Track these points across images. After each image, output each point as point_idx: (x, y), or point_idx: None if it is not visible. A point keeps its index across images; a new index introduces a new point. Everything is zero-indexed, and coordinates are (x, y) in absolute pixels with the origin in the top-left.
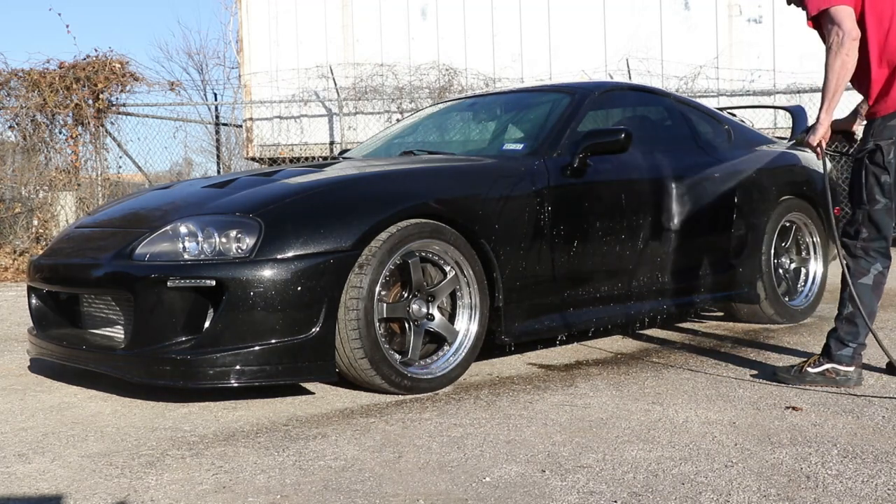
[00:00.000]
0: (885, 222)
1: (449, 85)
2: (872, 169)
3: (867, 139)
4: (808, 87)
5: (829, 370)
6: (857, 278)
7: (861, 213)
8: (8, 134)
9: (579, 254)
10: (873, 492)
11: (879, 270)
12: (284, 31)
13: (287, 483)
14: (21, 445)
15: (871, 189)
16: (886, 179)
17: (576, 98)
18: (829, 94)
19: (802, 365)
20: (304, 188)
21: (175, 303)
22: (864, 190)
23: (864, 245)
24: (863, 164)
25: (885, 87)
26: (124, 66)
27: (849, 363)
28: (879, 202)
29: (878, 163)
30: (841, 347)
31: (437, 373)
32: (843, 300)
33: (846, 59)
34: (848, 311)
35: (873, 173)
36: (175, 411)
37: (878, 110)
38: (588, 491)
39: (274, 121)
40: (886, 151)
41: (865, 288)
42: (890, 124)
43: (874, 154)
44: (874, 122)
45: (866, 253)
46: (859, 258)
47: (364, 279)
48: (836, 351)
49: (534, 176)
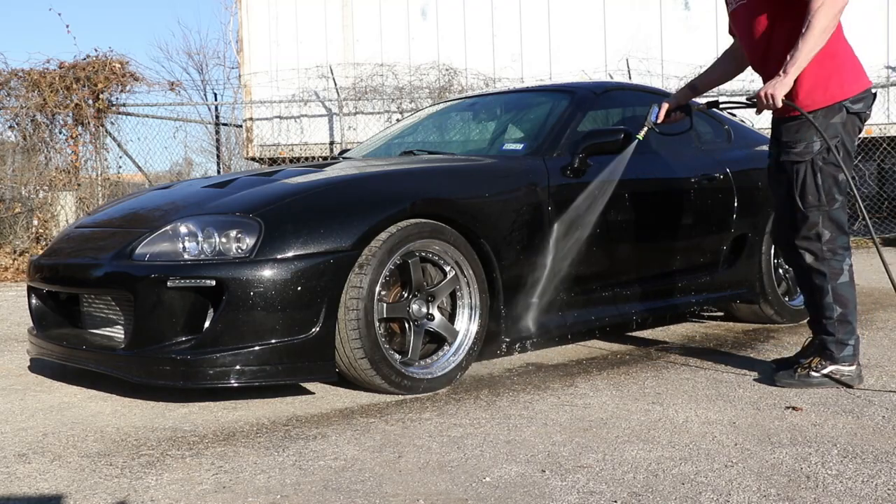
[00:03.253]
0: (843, 219)
1: (449, 85)
2: (828, 169)
3: (810, 139)
4: None
5: (833, 372)
6: (836, 280)
7: (819, 215)
8: (8, 134)
9: (580, 254)
10: (873, 492)
11: (850, 265)
12: (284, 31)
13: (287, 483)
14: (21, 445)
15: (829, 189)
16: (842, 177)
17: (576, 98)
18: (807, 53)
19: (805, 368)
20: (304, 188)
21: (175, 303)
22: (820, 191)
23: (830, 247)
24: (815, 166)
25: (823, 76)
26: (124, 66)
27: (851, 362)
28: (837, 201)
29: (832, 162)
30: (842, 348)
31: (437, 373)
32: (827, 305)
33: (835, 21)
34: (838, 313)
35: (830, 174)
36: (175, 411)
37: (813, 103)
38: (588, 491)
39: (274, 121)
40: (838, 149)
41: (846, 286)
42: (833, 122)
43: (828, 153)
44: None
45: (834, 253)
46: (829, 260)
47: (364, 279)
48: (839, 353)
49: (534, 176)
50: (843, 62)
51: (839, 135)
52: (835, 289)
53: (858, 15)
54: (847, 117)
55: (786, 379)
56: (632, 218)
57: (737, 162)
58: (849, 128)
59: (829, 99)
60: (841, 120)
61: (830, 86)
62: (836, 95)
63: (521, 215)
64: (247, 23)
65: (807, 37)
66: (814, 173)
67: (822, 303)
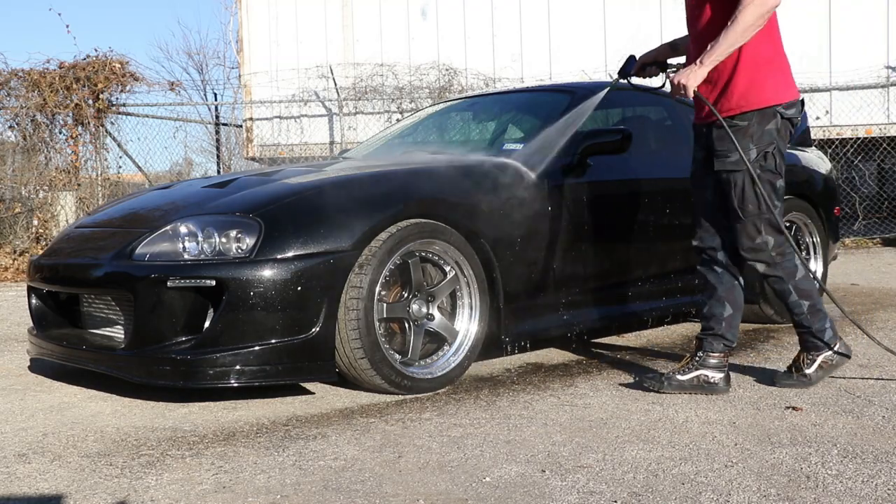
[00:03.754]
0: (779, 220)
1: (449, 85)
2: (766, 176)
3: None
4: (807, 87)
5: (826, 359)
6: (793, 278)
7: (760, 222)
8: (8, 134)
9: (579, 253)
10: (873, 492)
11: (799, 258)
12: (284, 31)
13: (287, 483)
14: (21, 445)
15: (769, 196)
16: (780, 183)
17: (576, 98)
18: (728, 46)
19: (796, 368)
20: (305, 188)
21: (175, 303)
22: (760, 199)
23: (778, 251)
24: (752, 174)
25: (759, 79)
26: (124, 66)
27: (834, 342)
28: (777, 206)
29: (770, 169)
30: (822, 334)
31: (437, 373)
32: (794, 303)
33: (762, 20)
34: (806, 306)
35: (768, 181)
36: (175, 411)
37: (747, 104)
38: (588, 491)
39: (274, 121)
40: (775, 155)
41: (803, 280)
42: (767, 129)
43: (765, 160)
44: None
45: (783, 255)
46: (781, 263)
47: (364, 279)
48: (822, 339)
49: (534, 176)
50: (778, 67)
51: (774, 141)
52: (796, 286)
53: (858, 15)
54: (781, 123)
55: (785, 380)
56: (632, 218)
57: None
58: (783, 133)
59: (763, 101)
60: (776, 126)
61: (766, 89)
62: (770, 98)
63: (521, 215)
64: (247, 23)
65: (729, 31)
66: (752, 182)
67: (788, 303)
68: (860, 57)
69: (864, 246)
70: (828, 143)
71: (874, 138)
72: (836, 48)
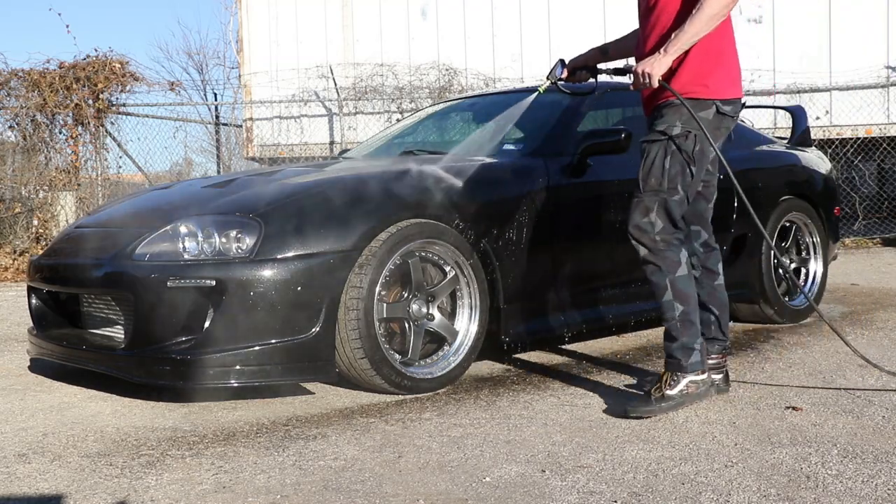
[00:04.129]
0: (678, 215)
1: (449, 85)
2: (679, 156)
3: (672, 122)
4: (807, 87)
5: (689, 384)
6: (674, 272)
7: (656, 201)
8: (8, 134)
9: (579, 254)
10: (873, 492)
11: (686, 258)
12: (284, 31)
13: (287, 483)
14: (21, 445)
15: (674, 178)
16: (690, 171)
17: (576, 98)
18: (690, 35)
19: (658, 389)
20: (304, 188)
21: (175, 303)
22: (665, 175)
23: (664, 237)
24: (669, 148)
25: (703, 72)
26: (124, 66)
27: (701, 370)
28: (678, 193)
29: (686, 150)
30: (689, 354)
31: (437, 373)
32: (667, 304)
33: (725, 11)
34: (679, 311)
35: (680, 161)
36: (175, 411)
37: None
38: (588, 491)
39: (274, 121)
40: (698, 141)
41: (684, 279)
42: (700, 115)
43: (685, 140)
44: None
45: (669, 244)
46: (664, 251)
47: (364, 279)
48: (687, 361)
49: (534, 176)
50: (725, 64)
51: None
52: (674, 283)
53: (858, 15)
54: (715, 115)
55: (641, 408)
56: None
57: (737, 162)
58: (716, 126)
59: (704, 93)
60: (709, 116)
61: (710, 81)
62: (711, 93)
63: (521, 215)
64: (247, 23)
65: (694, 20)
66: (664, 155)
67: (662, 302)
68: (860, 57)
69: (864, 246)
70: (828, 143)
71: (874, 138)
72: (836, 48)
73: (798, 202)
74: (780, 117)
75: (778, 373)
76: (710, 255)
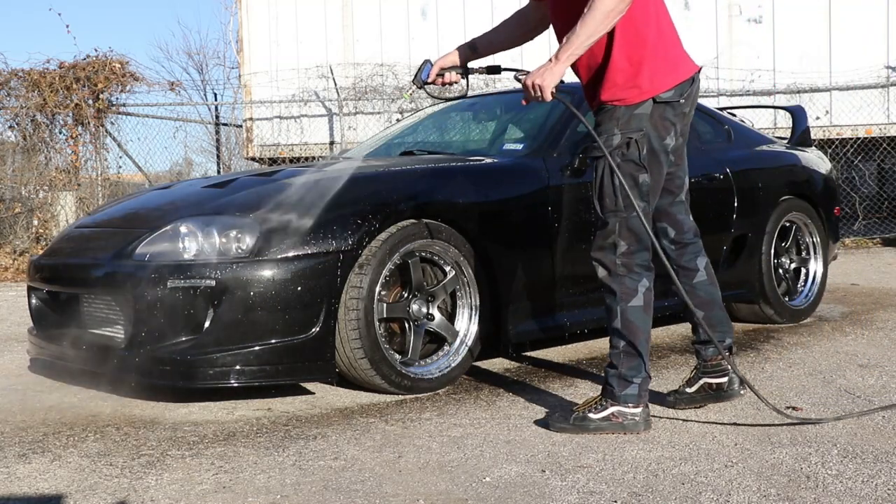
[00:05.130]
0: (644, 229)
1: None
2: (627, 168)
3: (610, 132)
4: (807, 87)
5: (615, 414)
6: (627, 301)
7: (616, 221)
8: (8, 134)
9: (579, 254)
10: (873, 492)
11: (647, 287)
12: (284, 31)
13: (287, 483)
14: (21, 445)
15: (627, 194)
16: (645, 179)
17: (576, 98)
18: (585, 37)
19: (581, 409)
20: (304, 188)
21: (175, 303)
22: (618, 193)
23: (626, 261)
24: (612, 164)
25: (632, 71)
26: (124, 66)
27: (636, 403)
28: (636, 207)
29: (632, 159)
30: (625, 386)
31: (437, 373)
32: (614, 330)
33: (622, 5)
34: (624, 342)
35: (629, 173)
36: (175, 411)
37: (626, 98)
38: (588, 491)
39: (274, 121)
40: (641, 145)
41: (638, 312)
42: (637, 113)
43: (627, 149)
44: (615, 111)
45: (629, 270)
46: (623, 277)
47: (364, 279)
48: (621, 391)
49: (534, 176)
50: (656, 51)
51: (643, 128)
52: (624, 312)
53: (858, 15)
54: (655, 108)
55: (559, 423)
56: None
57: (737, 162)
58: (656, 120)
59: (637, 96)
60: (646, 110)
61: (640, 81)
62: (645, 91)
63: (521, 215)
64: (247, 23)
65: (587, 20)
66: (611, 172)
67: (610, 327)
68: (860, 57)
69: (864, 246)
70: (828, 143)
71: (874, 138)
72: (836, 48)
73: (798, 202)
74: (780, 117)
75: (778, 373)
76: (684, 252)
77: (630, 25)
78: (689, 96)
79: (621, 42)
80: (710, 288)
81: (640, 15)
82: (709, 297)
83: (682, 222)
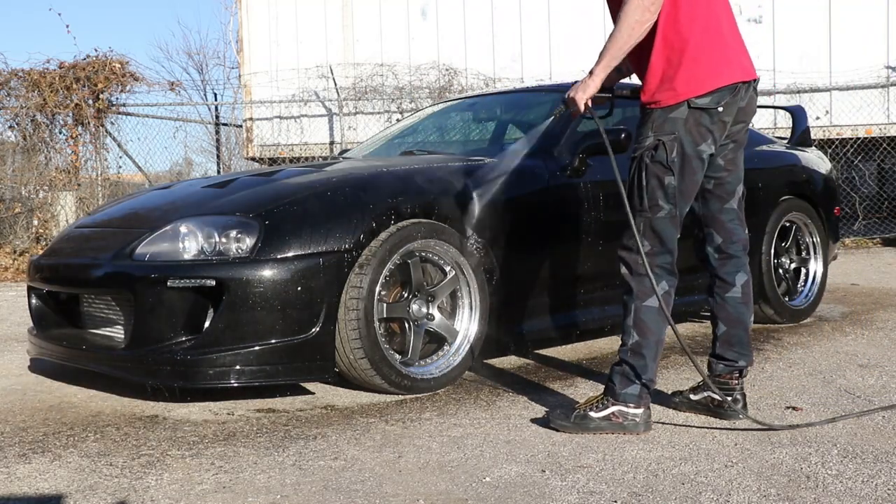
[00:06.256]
0: (670, 233)
1: (449, 85)
2: (654, 169)
3: (645, 133)
4: (808, 87)
5: (615, 413)
6: (642, 300)
7: (641, 221)
8: (8, 134)
9: (579, 254)
10: (873, 492)
11: (666, 290)
12: (284, 31)
13: (287, 483)
14: (21, 445)
15: (652, 193)
16: (671, 182)
17: None
18: (615, 50)
19: (583, 407)
20: (304, 188)
21: (175, 303)
22: (644, 194)
23: (647, 261)
24: (642, 164)
25: (669, 73)
26: (124, 66)
27: (636, 403)
28: (663, 209)
29: (660, 161)
30: (627, 385)
31: (437, 373)
32: (626, 327)
33: (648, 14)
34: (634, 340)
35: (655, 174)
36: (175, 411)
37: (661, 100)
38: (588, 491)
39: (274, 121)
40: (670, 148)
41: (651, 313)
42: (672, 116)
43: (656, 151)
44: (653, 114)
45: (650, 270)
46: (642, 275)
47: (364, 279)
48: (622, 389)
49: (533, 176)
50: (696, 54)
51: (676, 132)
52: (638, 310)
53: (858, 15)
54: (690, 113)
55: (559, 421)
56: None
57: None
58: (691, 126)
59: (673, 98)
60: (681, 115)
61: (677, 83)
62: (681, 94)
63: (521, 215)
64: (247, 23)
65: (614, 33)
66: (639, 171)
67: (623, 323)
68: (860, 57)
69: (864, 246)
70: (828, 143)
71: (874, 138)
72: (836, 48)
73: (798, 202)
74: (780, 117)
75: (778, 373)
76: (726, 263)
77: (672, 27)
78: (727, 105)
79: (661, 44)
80: (742, 307)
81: (685, 17)
82: (736, 315)
83: (731, 231)
